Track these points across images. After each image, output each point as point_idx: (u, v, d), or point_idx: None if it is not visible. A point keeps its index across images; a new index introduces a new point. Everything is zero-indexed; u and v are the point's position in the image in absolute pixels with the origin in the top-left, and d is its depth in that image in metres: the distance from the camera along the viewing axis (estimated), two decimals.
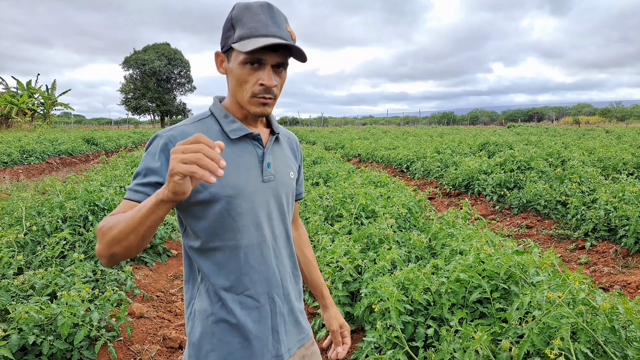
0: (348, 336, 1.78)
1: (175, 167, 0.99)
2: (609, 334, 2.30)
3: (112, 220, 1.17)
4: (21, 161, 15.71)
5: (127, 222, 1.12)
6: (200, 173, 0.98)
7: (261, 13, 1.32)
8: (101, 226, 1.19)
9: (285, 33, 1.34)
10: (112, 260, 1.18)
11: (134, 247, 1.15)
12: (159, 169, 1.30)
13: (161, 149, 1.32)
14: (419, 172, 11.92)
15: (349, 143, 20.21)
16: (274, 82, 1.34)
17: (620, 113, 66.88)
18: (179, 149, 1.00)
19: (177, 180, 1.00)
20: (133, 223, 1.11)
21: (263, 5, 1.33)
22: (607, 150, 11.48)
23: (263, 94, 1.35)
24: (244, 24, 1.32)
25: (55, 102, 39.22)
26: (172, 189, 1.02)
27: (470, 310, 3.02)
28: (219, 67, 1.43)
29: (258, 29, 1.30)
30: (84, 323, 3.20)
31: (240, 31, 1.32)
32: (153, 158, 1.32)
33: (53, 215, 5.19)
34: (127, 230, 1.12)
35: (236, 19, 1.33)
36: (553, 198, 7.25)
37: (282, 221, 1.52)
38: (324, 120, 78.50)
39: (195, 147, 0.99)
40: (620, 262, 5.23)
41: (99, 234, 1.19)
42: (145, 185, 1.29)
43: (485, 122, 77.57)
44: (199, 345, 1.41)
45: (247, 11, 1.33)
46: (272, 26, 1.32)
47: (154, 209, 1.08)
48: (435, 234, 4.45)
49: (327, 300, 1.81)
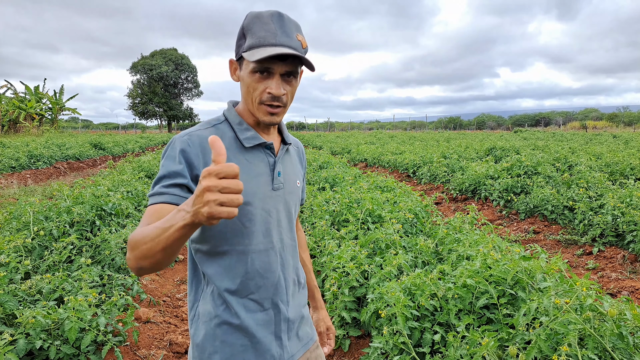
0: (333, 339, 1.88)
1: (215, 212, 0.95)
2: (616, 340, 2.28)
3: (142, 233, 1.14)
4: (29, 166, 15.79)
5: (153, 240, 1.09)
6: (226, 210, 0.95)
7: (271, 22, 1.34)
8: (131, 238, 1.16)
9: (295, 42, 1.35)
10: (140, 272, 1.17)
11: (162, 262, 1.13)
12: (181, 171, 1.30)
13: (180, 151, 1.33)
14: (425, 177, 11.90)
15: (355, 148, 20.20)
16: (282, 90, 1.36)
17: (628, 118, 66.53)
18: (214, 186, 0.95)
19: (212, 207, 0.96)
20: (161, 242, 1.08)
21: (273, 14, 1.35)
22: (614, 156, 11.42)
23: (270, 102, 1.37)
24: (253, 33, 1.34)
25: (63, 107, 39.44)
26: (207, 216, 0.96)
27: (477, 316, 3.01)
28: (232, 75, 1.45)
29: (267, 38, 1.32)
30: (91, 328, 3.21)
31: (250, 40, 1.34)
32: (174, 161, 1.32)
33: (60, 220, 5.21)
34: (156, 249, 1.09)
35: (247, 28, 1.35)
36: (560, 203, 7.21)
37: (289, 229, 1.54)
38: (331, 125, 78.56)
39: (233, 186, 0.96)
40: (628, 268, 5.19)
41: (129, 245, 1.17)
42: (170, 187, 1.28)
43: (492, 127, 77.39)
44: (202, 347, 1.42)
45: (258, 20, 1.34)
46: (281, 35, 1.33)
47: (183, 231, 1.04)
48: (442, 239, 4.44)
49: (317, 302, 1.89)
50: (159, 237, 1.07)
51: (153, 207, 1.25)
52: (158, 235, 1.07)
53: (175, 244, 1.07)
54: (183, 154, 1.33)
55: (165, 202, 1.25)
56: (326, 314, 1.89)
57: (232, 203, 0.95)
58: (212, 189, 0.94)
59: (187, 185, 1.29)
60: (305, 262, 1.86)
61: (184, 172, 1.30)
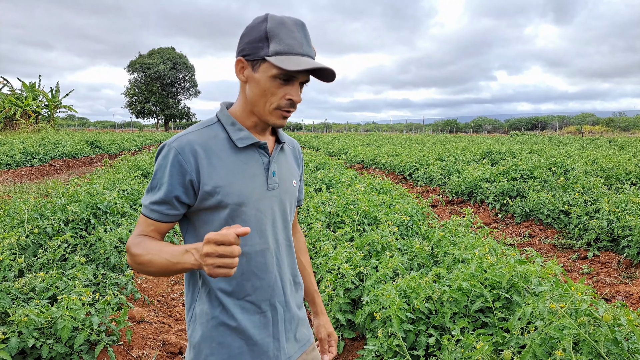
0: (335, 346, 1.82)
1: (214, 273, 1.12)
2: (611, 345, 2.28)
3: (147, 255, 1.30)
4: (24, 163, 15.74)
5: (161, 268, 1.28)
6: (224, 272, 1.12)
7: (296, 31, 1.35)
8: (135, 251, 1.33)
9: (313, 52, 1.39)
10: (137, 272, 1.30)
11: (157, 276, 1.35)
12: (171, 183, 1.36)
13: (172, 163, 1.36)
14: (421, 179, 11.91)
15: (352, 149, 20.22)
16: (300, 98, 1.39)
17: (624, 123, 66.79)
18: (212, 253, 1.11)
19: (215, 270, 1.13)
20: (166, 271, 1.28)
21: (297, 23, 1.36)
22: (610, 160, 11.45)
23: (288, 107, 1.39)
24: (280, 40, 1.33)
25: (60, 105, 39.35)
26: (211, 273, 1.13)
27: (472, 319, 3.01)
28: (239, 74, 1.43)
29: (295, 47, 1.33)
30: (84, 327, 3.19)
31: (276, 46, 1.33)
32: (164, 173, 1.37)
33: (55, 218, 5.19)
34: (161, 273, 1.30)
35: (272, 33, 1.33)
36: (556, 207, 7.22)
37: (285, 229, 1.54)
38: (328, 126, 78.64)
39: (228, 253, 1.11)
40: (623, 273, 5.20)
41: (129, 255, 1.34)
42: (161, 204, 1.38)
43: (489, 130, 77.57)
44: (199, 349, 1.42)
45: (283, 27, 1.34)
46: (307, 46, 1.36)
47: (185, 270, 1.25)
48: (438, 242, 4.44)
49: (318, 307, 1.84)
50: (166, 268, 1.26)
51: (146, 220, 1.40)
52: (166, 267, 1.26)
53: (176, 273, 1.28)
54: (173, 163, 1.36)
55: (156, 220, 1.39)
56: (327, 319, 1.84)
57: (227, 266, 1.11)
58: (210, 255, 1.11)
59: (178, 197, 1.38)
60: (306, 266, 1.83)
61: (173, 185, 1.36)
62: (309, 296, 1.83)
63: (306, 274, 1.82)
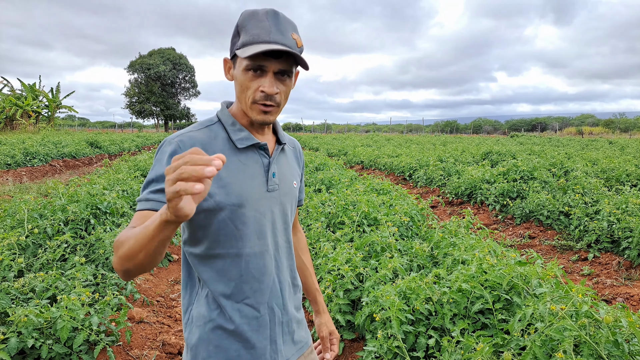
0: (337, 344, 1.80)
1: (167, 191, 0.91)
2: (612, 347, 2.28)
3: (126, 235, 1.13)
4: (24, 163, 15.74)
5: (136, 241, 1.07)
6: (183, 187, 0.88)
7: (265, 20, 1.32)
8: (117, 240, 1.15)
9: (290, 41, 1.33)
10: (127, 275, 1.15)
11: (145, 264, 1.11)
12: None
13: (170, 154, 1.31)
14: (421, 180, 11.90)
15: (352, 150, 20.21)
16: (275, 89, 1.33)
17: (624, 124, 66.84)
18: (170, 169, 0.91)
19: (175, 205, 0.92)
20: (142, 242, 1.06)
21: (269, 12, 1.33)
22: (610, 162, 11.45)
23: (263, 100, 1.34)
24: (247, 31, 1.32)
25: (60, 105, 39.35)
26: (173, 213, 0.94)
27: (472, 320, 3.00)
28: (226, 74, 1.43)
29: (260, 35, 1.30)
30: (84, 327, 3.19)
31: (243, 37, 1.32)
32: (161, 165, 1.30)
33: (55, 218, 5.18)
34: (137, 249, 1.08)
35: (241, 26, 1.34)
36: (556, 209, 7.22)
37: (284, 231, 1.52)
38: (327, 127, 78.66)
39: (181, 161, 0.90)
40: (623, 274, 5.20)
41: (115, 248, 1.16)
42: (157, 192, 1.26)
43: (489, 131, 77.58)
44: (196, 351, 1.40)
45: (252, 18, 1.33)
46: (275, 33, 1.31)
47: (161, 228, 1.01)
48: (438, 243, 4.43)
49: (320, 306, 1.83)
50: (141, 237, 1.06)
51: (140, 212, 1.24)
52: (140, 236, 1.06)
53: (156, 242, 1.05)
54: (172, 158, 1.29)
55: (151, 209, 1.24)
56: (329, 318, 1.83)
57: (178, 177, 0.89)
58: (168, 172, 0.91)
59: None
60: (307, 264, 1.82)
61: None
62: (310, 295, 1.82)
63: (307, 273, 1.81)
